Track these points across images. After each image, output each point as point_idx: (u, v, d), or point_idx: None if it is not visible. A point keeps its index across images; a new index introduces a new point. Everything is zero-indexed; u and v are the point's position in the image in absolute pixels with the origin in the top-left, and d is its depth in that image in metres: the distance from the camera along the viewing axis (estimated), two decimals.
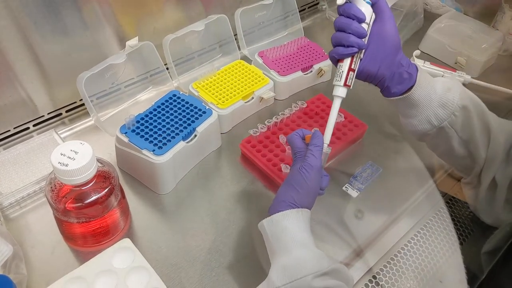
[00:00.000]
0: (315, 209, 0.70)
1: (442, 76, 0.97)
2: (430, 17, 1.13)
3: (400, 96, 0.61)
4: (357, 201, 0.72)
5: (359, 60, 0.58)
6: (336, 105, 0.59)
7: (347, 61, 0.58)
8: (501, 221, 0.64)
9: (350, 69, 0.58)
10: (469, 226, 0.71)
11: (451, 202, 0.74)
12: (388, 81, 0.60)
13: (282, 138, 0.76)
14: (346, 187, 0.74)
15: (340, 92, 0.58)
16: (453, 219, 0.72)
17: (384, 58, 0.58)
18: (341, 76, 0.58)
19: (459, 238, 0.69)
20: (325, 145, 0.58)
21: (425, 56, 1.04)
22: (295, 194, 0.54)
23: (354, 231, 0.68)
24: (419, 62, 0.98)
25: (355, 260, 0.65)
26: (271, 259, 0.53)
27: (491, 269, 0.57)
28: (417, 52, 1.00)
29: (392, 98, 0.62)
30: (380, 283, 0.62)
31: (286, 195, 0.55)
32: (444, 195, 0.75)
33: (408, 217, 0.71)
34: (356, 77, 0.60)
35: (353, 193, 0.73)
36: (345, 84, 0.58)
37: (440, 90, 0.61)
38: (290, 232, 0.52)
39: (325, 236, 0.67)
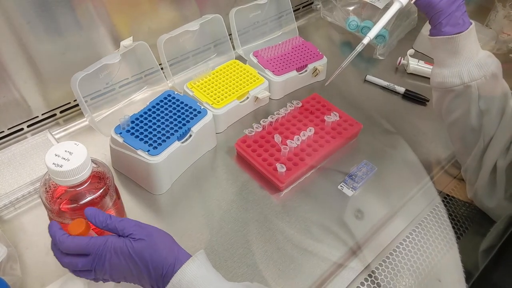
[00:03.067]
0: (311, 208, 0.71)
1: None
2: (423, 16, 1.13)
3: (448, 36, 0.62)
4: (353, 199, 0.72)
5: None
6: (393, 9, 0.62)
7: None
8: (503, 207, 0.65)
9: None
10: (463, 223, 0.72)
11: (447, 200, 0.75)
12: (443, 17, 0.62)
13: (277, 138, 0.76)
14: (341, 186, 0.74)
15: None
16: (450, 215, 0.72)
17: None
18: None
19: (455, 234, 0.70)
20: None
21: (419, 55, 1.04)
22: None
23: (350, 229, 0.68)
24: (413, 61, 0.99)
25: (352, 258, 0.65)
26: None
27: (484, 267, 0.57)
28: (411, 51, 1.00)
29: (440, 36, 0.63)
30: (376, 281, 0.63)
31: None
32: (439, 192, 0.75)
33: (404, 215, 0.71)
34: (416, 3, 0.62)
35: (348, 192, 0.73)
36: None
37: (482, 54, 0.64)
38: None
39: (321, 235, 0.67)
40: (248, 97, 0.84)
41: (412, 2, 0.62)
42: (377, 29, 0.61)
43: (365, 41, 0.62)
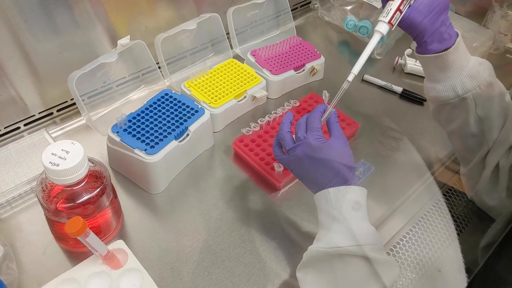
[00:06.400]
0: (309, 207, 0.70)
1: None
2: None
3: (435, 54, 0.62)
4: None
5: (408, 6, 0.59)
6: (374, 40, 0.60)
7: (397, 0, 0.58)
8: (505, 205, 0.65)
9: (398, 9, 0.58)
10: (464, 219, 0.72)
11: (446, 196, 0.75)
12: (427, 35, 0.61)
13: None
14: None
15: (383, 28, 0.59)
16: (450, 210, 0.72)
17: (431, 11, 0.59)
18: (388, 13, 0.59)
19: (456, 229, 0.70)
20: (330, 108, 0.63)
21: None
22: (338, 174, 0.56)
23: None
24: (410, 61, 0.99)
25: None
26: (327, 224, 0.55)
27: (487, 259, 0.58)
28: (408, 51, 1.00)
29: (426, 55, 0.63)
30: None
31: (339, 170, 0.56)
32: (439, 188, 0.75)
33: (403, 212, 0.71)
34: (398, 25, 0.60)
35: None
36: (389, 22, 0.59)
37: (472, 63, 0.63)
38: (357, 206, 0.55)
39: None
40: (245, 96, 0.84)
41: (393, 28, 0.60)
42: (360, 63, 0.60)
43: (350, 78, 0.60)
